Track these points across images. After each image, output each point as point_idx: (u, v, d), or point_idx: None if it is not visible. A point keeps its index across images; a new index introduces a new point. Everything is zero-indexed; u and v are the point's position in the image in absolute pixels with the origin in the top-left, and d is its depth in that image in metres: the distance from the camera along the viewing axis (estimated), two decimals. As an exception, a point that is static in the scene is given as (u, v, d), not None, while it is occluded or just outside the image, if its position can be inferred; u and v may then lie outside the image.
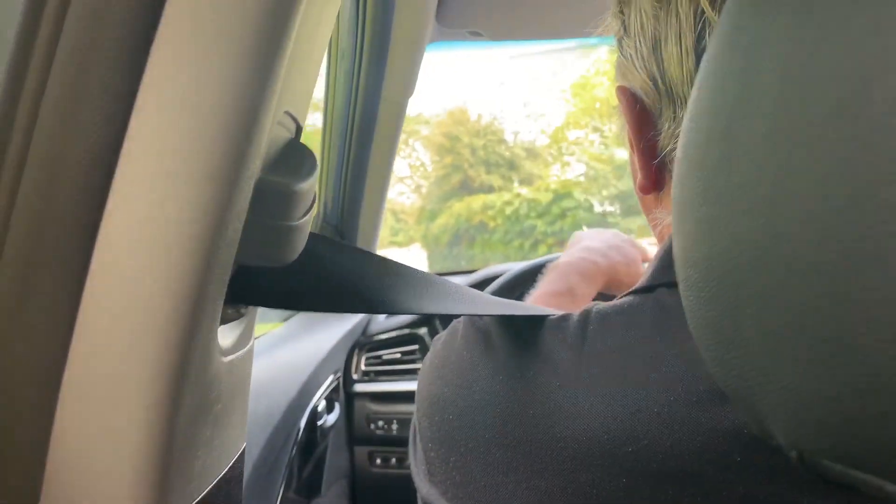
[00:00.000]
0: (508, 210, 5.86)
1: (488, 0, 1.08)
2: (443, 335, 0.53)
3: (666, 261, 0.44)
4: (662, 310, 0.40)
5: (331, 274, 0.46)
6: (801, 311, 0.22)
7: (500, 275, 1.56)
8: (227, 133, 0.33)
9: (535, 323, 0.46)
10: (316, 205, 0.44)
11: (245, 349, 0.47)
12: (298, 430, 1.16)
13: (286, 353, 1.21)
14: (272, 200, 0.39)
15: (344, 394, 1.46)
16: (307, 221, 0.43)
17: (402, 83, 1.19)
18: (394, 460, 1.48)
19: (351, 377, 1.49)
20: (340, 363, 1.46)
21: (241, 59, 0.32)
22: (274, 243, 0.41)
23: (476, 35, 1.13)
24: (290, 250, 0.42)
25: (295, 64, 0.40)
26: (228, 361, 0.42)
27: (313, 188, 0.43)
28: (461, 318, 0.52)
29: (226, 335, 0.43)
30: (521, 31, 1.14)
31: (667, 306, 0.40)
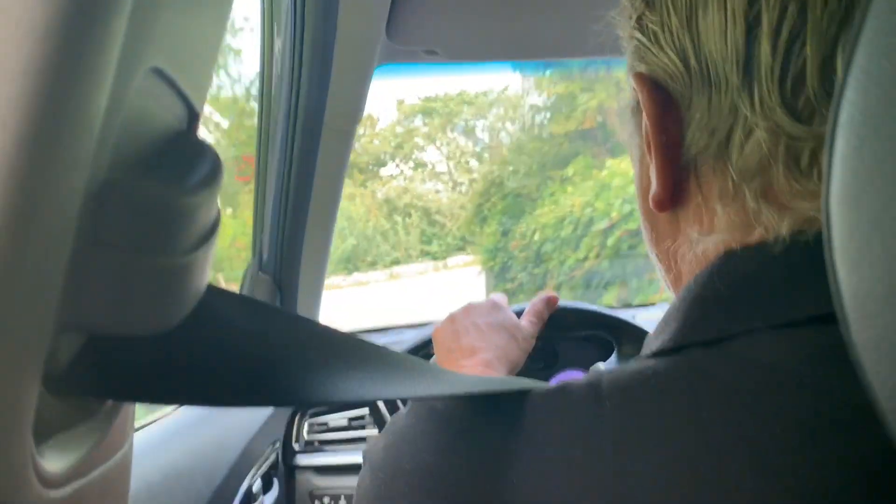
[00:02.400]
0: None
1: (444, 15, 0.95)
2: (379, 440, 0.42)
3: (696, 312, 0.36)
4: (703, 378, 0.32)
5: (243, 349, 0.29)
6: None
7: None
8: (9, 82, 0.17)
9: (519, 404, 0.36)
10: (219, 226, 0.28)
11: (109, 463, 0.29)
12: (228, 520, 0.98)
13: (212, 429, 1.02)
14: (138, 222, 0.23)
15: (284, 467, 1.29)
16: (202, 259, 0.26)
17: (347, 108, 1.04)
18: (342, 543, 1.29)
19: (292, 448, 1.31)
20: (279, 432, 1.27)
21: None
22: (144, 293, 0.24)
23: (432, 54, 1.00)
24: (172, 305, 0.25)
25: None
26: (65, 494, 0.25)
27: (214, 204, 0.27)
28: (405, 410, 0.41)
29: (63, 450, 0.26)
30: (481, 51, 1.01)
31: (708, 372, 0.32)
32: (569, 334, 1.22)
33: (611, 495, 0.30)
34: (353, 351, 0.34)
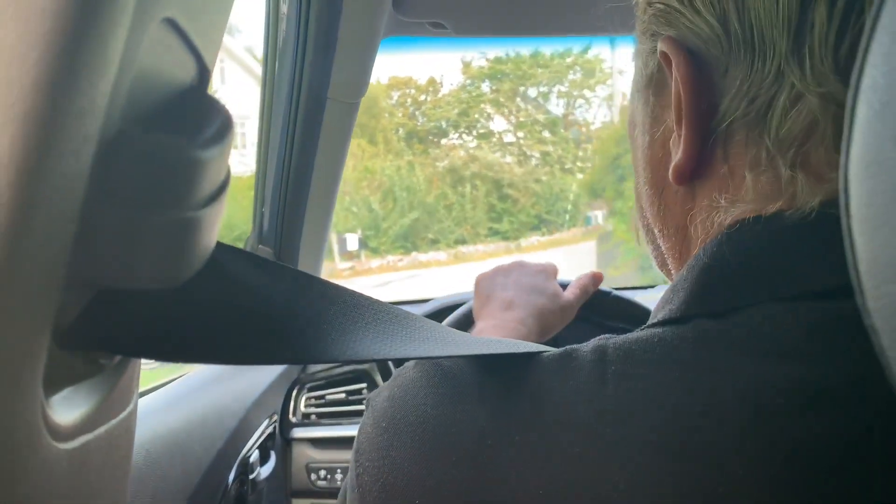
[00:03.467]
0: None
1: (452, -13, 0.94)
2: (384, 389, 0.41)
3: (703, 282, 0.36)
4: (707, 345, 0.32)
5: (251, 306, 0.29)
6: None
7: (457, 304, 1.42)
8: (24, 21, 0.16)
9: (525, 365, 0.36)
10: (229, 183, 0.28)
11: (115, 420, 0.29)
12: (226, 488, 0.98)
13: (210, 397, 1.03)
14: (149, 174, 0.23)
15: (281, 440, 1.29)
16: (214, 215, 0.26)
17: (352, 81, 1.03)
18: (338, 515, 1.30)
19: (289, 421, 1.32)
20: (277, 405, 1.28)
21: None
22: (153, 248, 0.24)
23: (438, 27, 0.99)
24: (182, 260, 0.25)
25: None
26: (73, 448, 0.25)
27: (225, 161, 0.27)
28: (412, 363, 0.41)
29: (71, 404, 0.26)
30: (489, 25, 1.00)
31: (711, 342, 0.32)
32: (594, 318, 1.23)
33: (612, 456, 0.31)
34: (361, 309, 0.34)
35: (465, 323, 1.24)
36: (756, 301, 0.33)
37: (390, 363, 1.34)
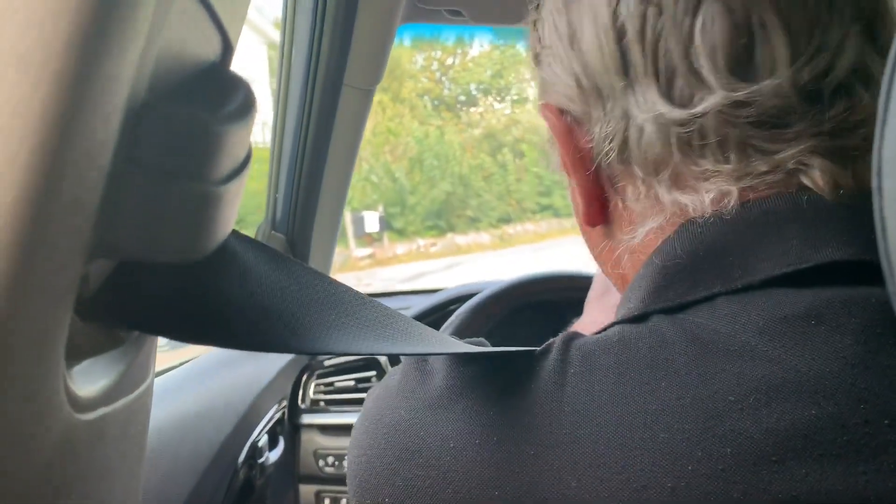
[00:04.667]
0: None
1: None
2: (374, 389, 0.45)
3: (659, 280, 0.38)
4: (663, 345, 0.33)
5: (262, 297, 0.29)
6: None
7: (469, 295, 1.42)
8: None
9: (501, 368, 0.37)
10: (251, 161, 0.28)
11: (132, 395, 0.29)
12: (235, 471, 0.99)
13: (221, 382, 1.03)
14: (173, 146, 0.23)
15: (290, 425, 1.30)
16: (233, 191, 0.26)
17: (368, 68, 1.03)
18: (345, 502, 1.31)
19: (298, 406, 1.32)
20: (286, 390, 1.28)
21: None
22: (175, 220, 0.24)
23: (456, 15, 0.98)
24: (202, 234, 0.25)
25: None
26: (92, 419, 0.25)
27: (247, 138, 0.27)
28: (399, 367, 0.43)
29: (91, 376, 0.26)
30: (507, 13, 0.99)
31: (668, 340, 0.34)
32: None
33: (566, 459, 0.32)
34: (363, 310, 0.34)
35: (480, 316, 1.24)
36: (710, 293, 0.35)
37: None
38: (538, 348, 0.38)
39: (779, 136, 0.35)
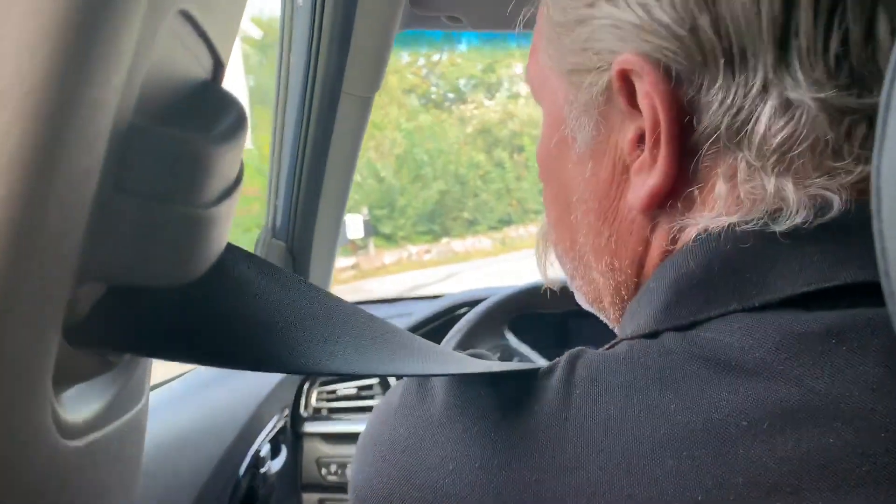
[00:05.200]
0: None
1: (469, -19, 0.93)
2: (378, 406, 0.43)
3: (670, 293, 0.35)
4: (673, 365, 0.31)
5: (258, 314, 0.29)
6: None
7: (472, 301, 1.41)
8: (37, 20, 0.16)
9: (504, 388, 0.35)
10: (242, 182, 0.27)
11: (125, 417, 0.29)
12: (237, 482, 0.99)
13: (222, 392, 1.03)
14: (162, 169, 0.22)
15: (292, 434, 1.29)
16: (224, 213, 0.26)
17: (367, 76, 1.02)
18: (348, 510, 1.30)
19: (300, 415, 1.32)
20: (288, 399, 1.28)
21: None
22: (164, 244, 0.24)
23: (455, 21, 0.98)
24: (193, 258, 0.25)
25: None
26: (83, 445, 0.25)
27: (238, 158, 0.26)
28: (400, 384, 0.41)
29: (80, 401, 0.25)
30: (506, 19, 0.99)
31: (678, 360, 0.31)
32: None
33: (570, 486, 0.30)
34: (362, 326, 0.34)
35: (487, 324, 1.23)
36: (724, 311, 0.32)
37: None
38: (542, 366, 0.36)
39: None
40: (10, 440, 0.21)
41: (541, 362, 0.43)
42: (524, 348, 1.20)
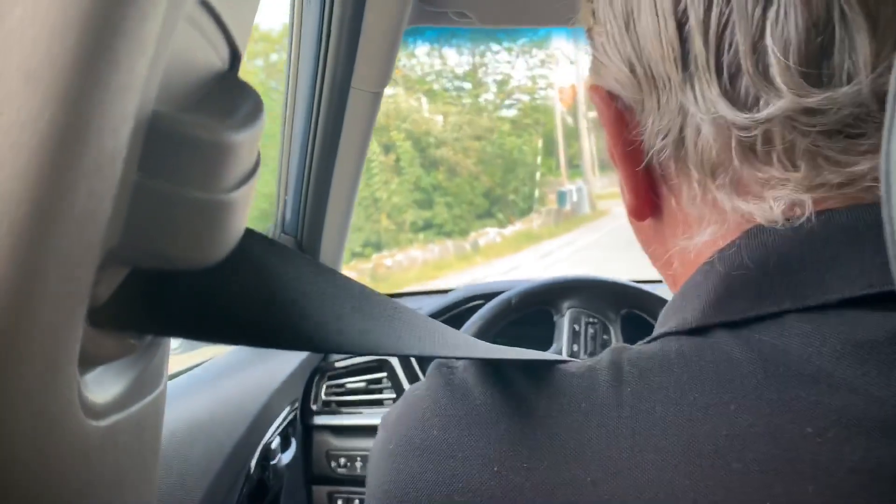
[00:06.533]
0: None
1: (478, -24, 0.94)
2: (394, 408, 0.40)
3: (721, 290, 0.34)
4: (730, 364, 0.31)
5: (274, 293, 0.29)
6: None
7: (482, 295, 1.42)
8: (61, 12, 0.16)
9: (540, 385, 0.34)
10: (259, 168, 0.28)
11: (146, 400, 0.30)
12: (248, 473, 0.99)
13: (234, 384, 1.04)
14: (182, 155, 0.23)
15: (302, 427, 1.30)
16: (242, 199, 0.26)
17: (376, 70, 1.03)
18: (357, 502, 1.32)
19: (310, 408, 1.33)
20: (298, 392, 1.29)
21: None
22: (185, 229, 0.24)
23: (462, 17, 0.99)
24: (213, 242, 0.25)
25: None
26: (106, 426, 0.25)
27: (255, 145, 0.27)
28: (422, 382, 0.40)
29: (104, 383, 0.26)
30: (515, 14, 0.99)
31: (734, 359, 0.31)
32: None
33: (630, 487, 0.29)
34: (374, 306, 0.34)
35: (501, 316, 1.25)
36: (779, 310, 0.32)
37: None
38: (572, 358, 0.35)
39: (853, 148, 0.32)
40: (38, 418, 0.22)
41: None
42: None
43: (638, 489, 0.29)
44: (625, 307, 1.27)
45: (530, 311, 1.27)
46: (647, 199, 0.40)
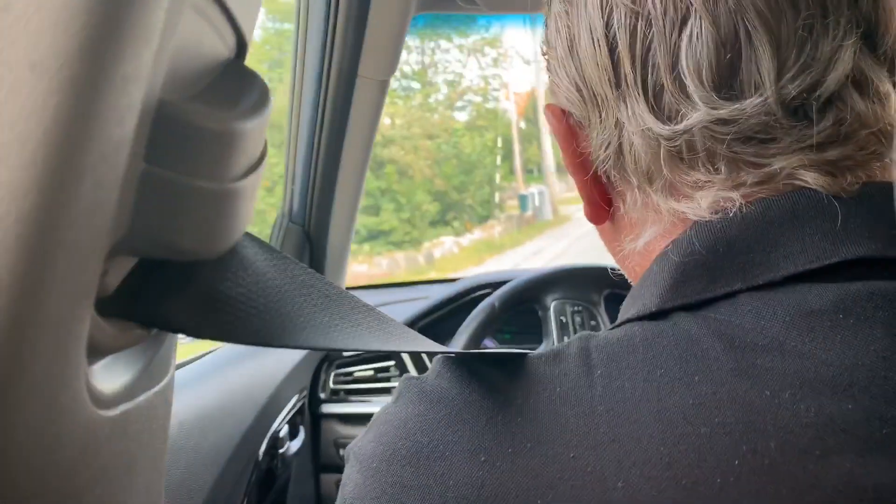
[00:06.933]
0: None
1: (485, -37, 0.93)
2: (365, 436, 0.41)
3: (676, 276, 0.37)
4: (690, 341, 0.33)
5: (266, 298, 0.29)
6: None
7: (489, 284, 1.42)
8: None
9: (512, 375, 0.37)
10: (266, 157, 0.28)
11: (154, 389, 0.30)
12: (256, 461, 1.00)
13: (241, 373, 1.04)
14: (189, 144, 0.23)
15: (310, 415, 1.31)
16: (249, 188, 0.26)
17: (382, 59, 1.02)
18: (365, 490, 1.32)
19: (318, 396, 1.33)
20: (306, 381, 1.29)
21: None
22: (192, 218, 0.24)
23: (469, 3, 0.98)
24: (220, 232, 0.25)
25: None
26: (114, 415, 0.26)
27: (262, 134, 0.27)
28: (390, 402, 0.41)
29: (112, 372, 0.26)
30: (521, 1, 0.98)
31: (694, 336, 0.33)
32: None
33: (609, 459, 0.31)
34: (357, 314, 0.34)
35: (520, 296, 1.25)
36: (731, 290, 0.34)
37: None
38: (540, 351, 0.37)
39: (764, 151, 0.35)
40: (47, 408, 0.22)
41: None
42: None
43: (617, 459, 0.31)
44: (606, 288, 1.29)
45: (519, 310, 1.29)
46: (600, 205, 0.45)
